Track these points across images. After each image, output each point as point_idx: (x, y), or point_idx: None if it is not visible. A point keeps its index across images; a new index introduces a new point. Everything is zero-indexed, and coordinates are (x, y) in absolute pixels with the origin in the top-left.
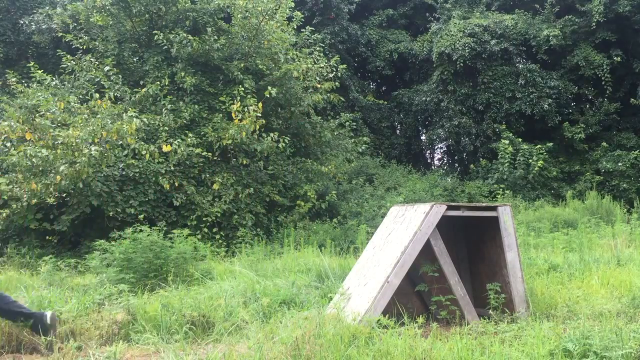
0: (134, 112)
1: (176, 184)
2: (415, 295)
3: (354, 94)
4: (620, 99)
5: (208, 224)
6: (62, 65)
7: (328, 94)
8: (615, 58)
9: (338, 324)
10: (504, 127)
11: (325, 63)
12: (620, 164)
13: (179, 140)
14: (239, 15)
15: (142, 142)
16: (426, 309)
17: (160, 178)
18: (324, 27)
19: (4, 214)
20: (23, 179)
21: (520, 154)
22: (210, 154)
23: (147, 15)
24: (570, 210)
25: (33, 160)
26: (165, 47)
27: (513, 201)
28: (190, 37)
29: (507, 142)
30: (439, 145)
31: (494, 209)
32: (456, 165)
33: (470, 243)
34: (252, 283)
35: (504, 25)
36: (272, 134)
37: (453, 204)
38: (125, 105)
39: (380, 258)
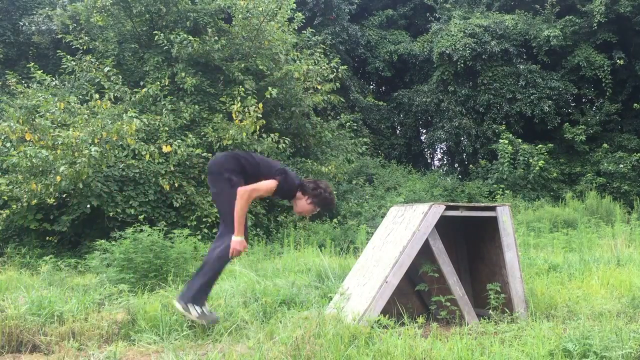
0: (134, 112)
1: (176, 184)
2: (415, 295)
3: (354, 94)
4: (622, 101)
5: (208, 224)
6: (62, 66)
7: (328, 95)
8: (618, 61)
9: (338, 324)
10: (504, 128)
11: (327, 64)
12: (621, 165)
13: (179, 140)
14: (239, 16)
15: (142, 143)
16: (426, 309)
17: (160, 179)
18: (325, 27)
19: (4, 215)
20: (23, 180)
21: (520, 154)
22: (210, 154)
23: (147, 15)
24: (570, 210)
25: (33, 160)
26: (166, 47)
27: (513, 201)
28: (190, 37)
29: (506, 141)
30: (439, 146)
31: (493, 209)
32: (456, 165)
33: (470, 243)
34: (252, 283)
35: (504, 26)
36: (272, 135)
37: (452, 204)
38: (125, 106)
39: (379, 258)
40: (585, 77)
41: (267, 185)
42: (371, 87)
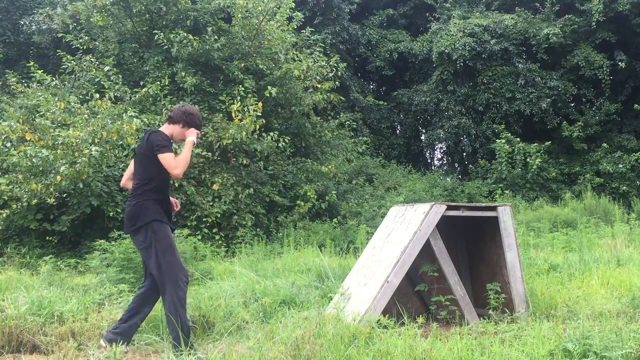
0: (134, 112)
1: (176, 184)
2: (415, 295)
3: (354, 94)
4: (622, 101)
5: (208, 224)
6: (63, 66)
7: (328, 94)
8: (619, 64)
9: (338, 324)
10: (503, 128)
11: (326, 62)
12: (621, 165)
13: None
14: (239, 15)
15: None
16: (426, 309)
17: None
18: (325, 27)
19: (4, 214)
20: (23, 179)
21: (516, 153)
22: (210, 153)
23: (147, 15)
24: (569, 210)
25: (33, 160)
26: (166, 47)
27: (512, 201)
28: (190, 36)
29: (503, 140)
30: (439, 145)
31: (494, 209)
32: (456, 165)
33: (470, 243)
34: (252, 283)
35: (503, 25)
36: (272, 134)
37: (453, 204)
38: (126, 105)
39: (380, 258)
40: (585, 77)
41: (168, 158)
42: (371, 87)
